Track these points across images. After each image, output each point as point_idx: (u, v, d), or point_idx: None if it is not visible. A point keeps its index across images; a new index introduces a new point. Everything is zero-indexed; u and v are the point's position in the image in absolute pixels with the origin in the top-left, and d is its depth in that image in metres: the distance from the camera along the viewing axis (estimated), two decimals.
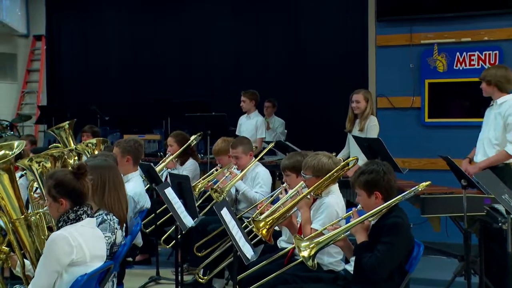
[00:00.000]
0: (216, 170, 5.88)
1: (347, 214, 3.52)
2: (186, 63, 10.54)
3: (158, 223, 5.78)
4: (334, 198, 3.97)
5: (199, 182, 5.72)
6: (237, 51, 10.16)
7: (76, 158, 5.80)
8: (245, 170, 5.55)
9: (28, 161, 4.11)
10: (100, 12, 11.34)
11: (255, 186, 5.53)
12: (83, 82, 11.45)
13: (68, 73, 11.70)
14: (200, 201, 6.05)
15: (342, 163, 3.96)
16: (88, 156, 5.76)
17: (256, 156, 5.82)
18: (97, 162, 3.89)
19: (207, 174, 6.03)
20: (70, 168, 3.27)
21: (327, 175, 3.91)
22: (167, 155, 6.63)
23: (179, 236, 5.02)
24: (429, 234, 5.11)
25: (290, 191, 4.24)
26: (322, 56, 9.40)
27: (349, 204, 5.05)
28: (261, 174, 5.58)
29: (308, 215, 3.94)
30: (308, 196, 3.94)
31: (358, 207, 3.46)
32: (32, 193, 4.45)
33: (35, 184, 4.31)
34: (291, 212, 3.97)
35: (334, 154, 4.38)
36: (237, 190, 5.59)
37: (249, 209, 5.29)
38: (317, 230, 3.65)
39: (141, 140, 5.43)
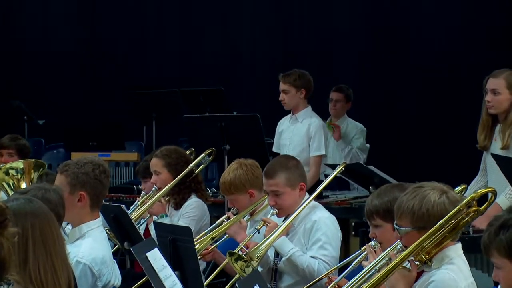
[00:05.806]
0: (228, 219, 5.92)
1: None
2: (190, 30, 10.68)
3: None
4: (453, 272, 3.99)
5: (197, 241, 5.71)
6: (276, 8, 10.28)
7: None
8: (291, 218, 5.54)
9: None
10: None
11: (312, 247, 5.54)
12: None
13: None
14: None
15: (465, 200, 3.96)
16: (10, 192, 5.81)
17: (310, 191, 5.82)
18: (15, 205, 3.90)
19: (211, 227, 6.10)
20: None
21: (437, 225, 3.91)
22: (145, 194, 6.68)
23: None
24: None
25: (381, 255, 4.24)
26: (428, 19, 9.41)
27: None
28: (322, 225, 5.58)
29: None
30: (408, 264, 3.94)
31: None
32: None
33: None
34: None
35: (463, 187, 4.40)
36: (277, 255, 5.59)
37: None
38: None
39: (105, 163, 5.46)
